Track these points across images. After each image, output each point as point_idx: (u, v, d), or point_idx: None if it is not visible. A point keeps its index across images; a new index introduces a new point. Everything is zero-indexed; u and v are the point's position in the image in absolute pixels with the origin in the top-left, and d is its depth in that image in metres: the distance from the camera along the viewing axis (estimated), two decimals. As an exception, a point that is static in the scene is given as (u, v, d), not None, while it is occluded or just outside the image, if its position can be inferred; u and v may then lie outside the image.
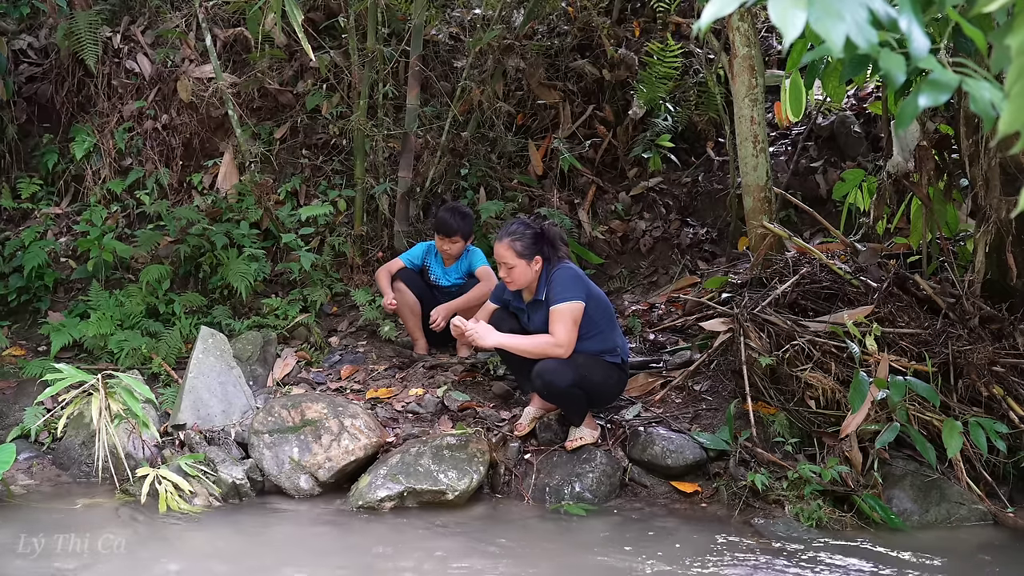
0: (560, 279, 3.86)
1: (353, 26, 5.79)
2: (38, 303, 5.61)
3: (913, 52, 1.46)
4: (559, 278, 3.86)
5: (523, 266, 3.90)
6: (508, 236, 3.92)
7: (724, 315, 4.40)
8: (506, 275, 3.95)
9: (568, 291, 3.82)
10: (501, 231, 4.00)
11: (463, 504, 3.80)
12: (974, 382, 3.87)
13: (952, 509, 3.69)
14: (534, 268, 3.93)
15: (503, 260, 3.92)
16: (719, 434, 3.99)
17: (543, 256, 3.94)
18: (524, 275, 3.92)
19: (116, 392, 3.84)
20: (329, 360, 5.04)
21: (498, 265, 3.99)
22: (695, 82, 6.39)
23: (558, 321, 3.80)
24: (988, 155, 4.05)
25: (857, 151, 6.17)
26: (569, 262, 4.02)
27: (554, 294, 3.84)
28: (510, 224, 4.05)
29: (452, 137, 6.07)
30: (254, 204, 5.80)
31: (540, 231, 3.97)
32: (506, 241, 3.92)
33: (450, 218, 4.86)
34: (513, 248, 3.89)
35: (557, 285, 3.85)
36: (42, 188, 6.23)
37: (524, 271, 3.91)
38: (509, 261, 3.90)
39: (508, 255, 3.90)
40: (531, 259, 3.90)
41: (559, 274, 3.88)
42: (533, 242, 3.91)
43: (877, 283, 4.26)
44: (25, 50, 6.46)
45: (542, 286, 3.93)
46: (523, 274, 3.92)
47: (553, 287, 3.86)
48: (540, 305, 3.94)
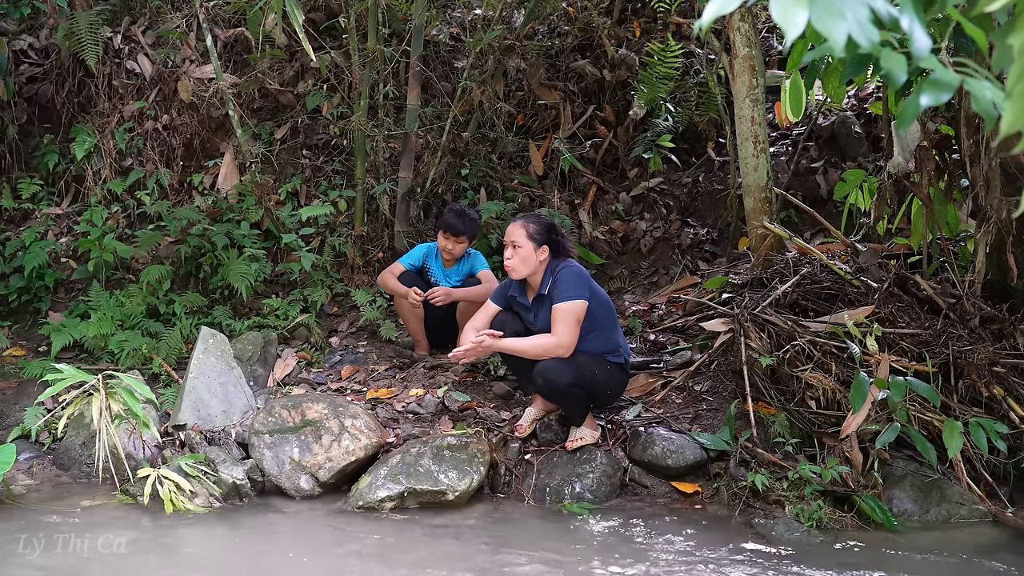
0: (565, 277, 3.86)
1: (354, 26, 5.79)
2: (38, 303, 5.61)
3: (914, 51, 1.46)
4: (564, 275, 3.87)
5: (530, 249, 3.91)
6: (524, 218, 4.03)
7: (724, 315, 4.40)
8: (511, 255, 3.95)
9: (572, 289, 3.83)
10: (519, 215, 4.11)
11: (463, 504, 3.80)
12: (975, 382, 3.87)
13: (952, 509, 3.69)
14: (539, 257, 3.93)
15: (512, 239, 3.94)
16: (719, 434, 3.99)
17: (551, 247, 3.95)
18: (528, 260, 3.93)
19: (116, 392, 3.84)
20: (329, 360, 5.04)
21: (505, 246, 4.01)
22: (696, 82, 6.40)
23: (560, 320, 3.80)
24: (989, 155, 4.05)
25: (858, 151, 6.18)
26: (575, 262, 4.03)
27: (558, 291, 3.84)
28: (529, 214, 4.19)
29: (453, 137, 6.07)
30: (255, 204, 5.80)
31: (553, 224, 4.03)
32: (520, 221, 4.00)
33: (458, 219, 4.86)
34: (525, 228, 3.94)
35: (562, 282, 3.85)
36: (43, 188, 6.24)
37: (529, 255, 3.92)
38: (518, 240, 3.92)
39: (519, 235, 3.93)
40: (539, 245, 3.92)
41: (565, 272, 3.88)
42: (545, 230, 3.95)
43: (878, 283, 4.26)
44: (26, 50, 6.47)
45: (546, 281, 3.93)
46: (528, 258, 3.92)
47: (558, 284, 3.86)
48: (544, 300, 3.94)
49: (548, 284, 3.91)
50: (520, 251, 3.92)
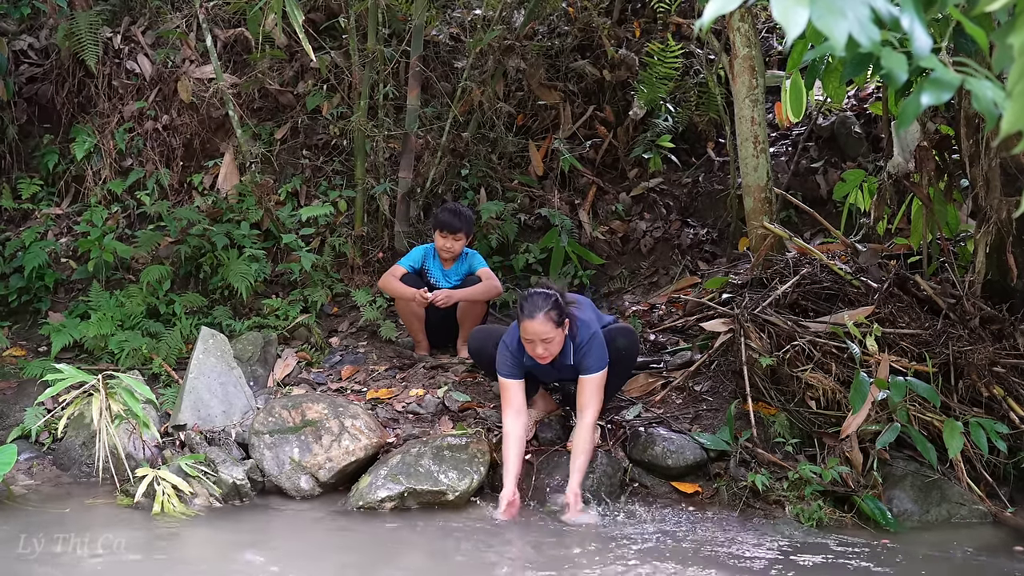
0: (594, 348, 3.80)
1: (353, 27, 5.79)
2: (38, 303, 5.60)
3: (915, 51, 1.46)
4: (592, 347, 3.80)
5: (560, 334, 3.76)
6: (541, 311, 3.68)
7: (724, 315, 4.40)
8: (544, 351, 3.73)
9: (600, 360, 3.80)
10: (527, 307, 3.70)
11: (464, 504, 3.80)
12: (975, 382, 3.87)
13: (953, 509, 3.69)
14: (564, 332, 3.80)
15: (544, 336, 3.69)
16: (719, 435, 3.99)
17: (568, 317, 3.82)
18: (561, 342, 3.79)
19: (116, 392, 3.84)
20: (329, 360, 5.04)
21: (533, 343, 3.71)
22: (695, 83, 6.40)
23: (594, 393, 3.79)
24: (989, 155, 4.05)
25: (857, 151, 6.18)
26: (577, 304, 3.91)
27: (587, 364, 3.80)
28: (532, 299, 3.74)
29: (452, 137, 6.07)
30: (255, 204, 5.80)
31: (558, 294, 3.79)
32: (540, 316, 3.67)
33: (453, 216, 4.88)
34: (551, 319, 3.69)
35: (592, 354, 3.79)
36: (42, 188, 6.23)
37: (560, 338, 3.78)
38: (550, 334, 3.70)
39: (548, 328, 3.69)
40: (563, 324, 3.76)
41: (592, 342, 3.80)
42: (560, 307, 3.75)
43: (877, 283, 4.26)
44: (25, 50, 6.46)
45: (568, 347, 3.83)
46: (560, 342, 3.79)
47: (588, 355, 3.80)
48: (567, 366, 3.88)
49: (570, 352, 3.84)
50: (553, 342, 3.74)
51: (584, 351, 3.81)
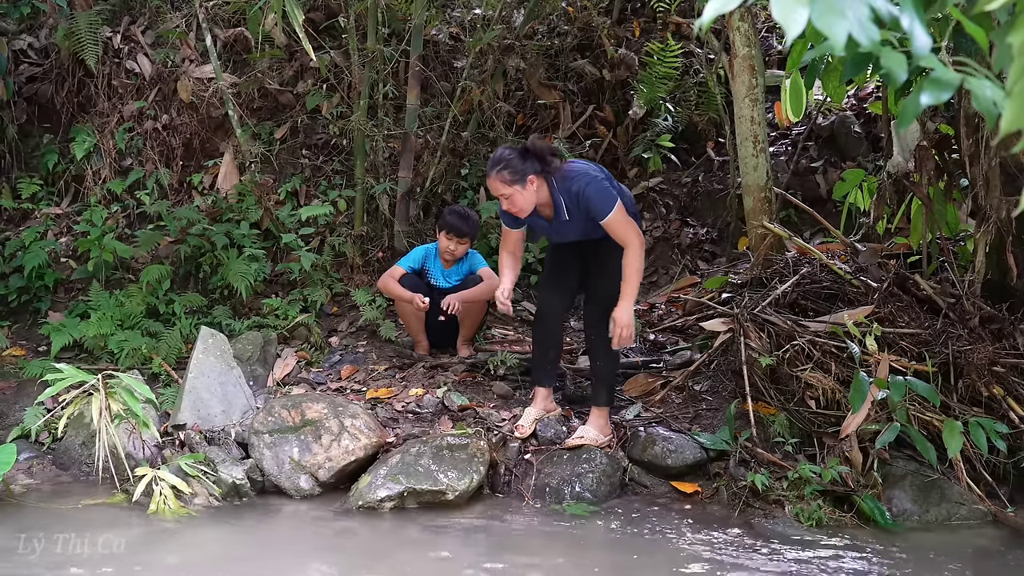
0: (594, 194, 3.78)
1: (353, 26, 5.79)
2: (38, 303, 5.60)
3: (915, 50, 1.46)
4: (592, 194, 3.78)
5: (519, 191, 3.80)
6: (495, 168, 3.80)
7: (724, 315, 4.40)
8: (509, 206, 3.86)
9: (604, 201, 3.77)
10: (488, 166, 3.86)
11: (463, 504, 3.80)
12: (974, 382, 3.86)
13: (952, 509, 3.69)
14: (532, 188, 3.82)
15: (499, 193, 3.83)
16: (719, 434, 3.99)
17: (537, 173, 3.82)
18: (526, 199, 3.83)
19: (116, 392, 3.84)
20: (329, 360, 5.04)
21: (499, 201, 3.90)
22: (695, 82, 6.40)
23: (620, 231, 3.78)
24: (988, 155, 4.05)
25: (857, 151, 6.18)
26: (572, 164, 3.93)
27: (597, 210, 3.78)
28: (494, 155, 3.87)
29: (452, 137, 6.07)
30: (254, 204, 5.80)
31: (524, 149, 3.85)
32: (494, 174, 3.80)
33: (461, 220, 4.90)
34: (502, 178, 3.78)
35: (595, 201, 3.78)
36: (42, 188, 6.23)
37: (523, 195, 3.81)
38: (504, 191, 3.81)
39: (501, 186, 3.80)
40: (524, 182, 3.79)
41: (589, 189, 3.79)
42: (520, 164, 3.79)
43: (877, 283, 4.26)
44: (25, 50, 6.46)
45: (560, 203, 3.85)
46: (524, 198, 3.82)
47: (592, 204, 3.79)
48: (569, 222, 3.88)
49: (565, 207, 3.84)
50: (513, 198, 3.82)
51: (584, 202, 3.80)
